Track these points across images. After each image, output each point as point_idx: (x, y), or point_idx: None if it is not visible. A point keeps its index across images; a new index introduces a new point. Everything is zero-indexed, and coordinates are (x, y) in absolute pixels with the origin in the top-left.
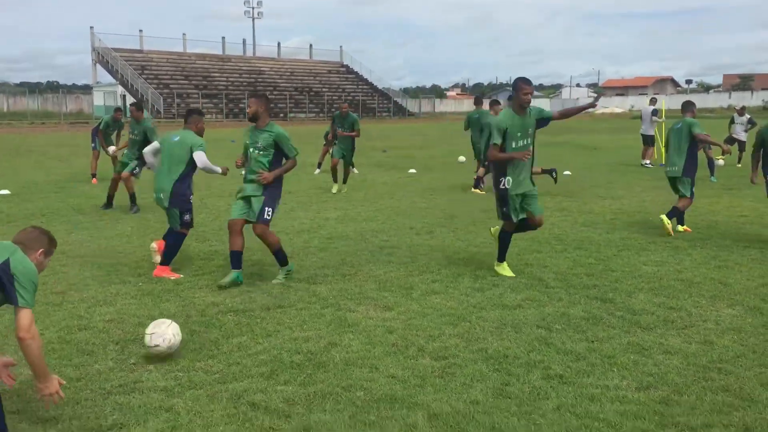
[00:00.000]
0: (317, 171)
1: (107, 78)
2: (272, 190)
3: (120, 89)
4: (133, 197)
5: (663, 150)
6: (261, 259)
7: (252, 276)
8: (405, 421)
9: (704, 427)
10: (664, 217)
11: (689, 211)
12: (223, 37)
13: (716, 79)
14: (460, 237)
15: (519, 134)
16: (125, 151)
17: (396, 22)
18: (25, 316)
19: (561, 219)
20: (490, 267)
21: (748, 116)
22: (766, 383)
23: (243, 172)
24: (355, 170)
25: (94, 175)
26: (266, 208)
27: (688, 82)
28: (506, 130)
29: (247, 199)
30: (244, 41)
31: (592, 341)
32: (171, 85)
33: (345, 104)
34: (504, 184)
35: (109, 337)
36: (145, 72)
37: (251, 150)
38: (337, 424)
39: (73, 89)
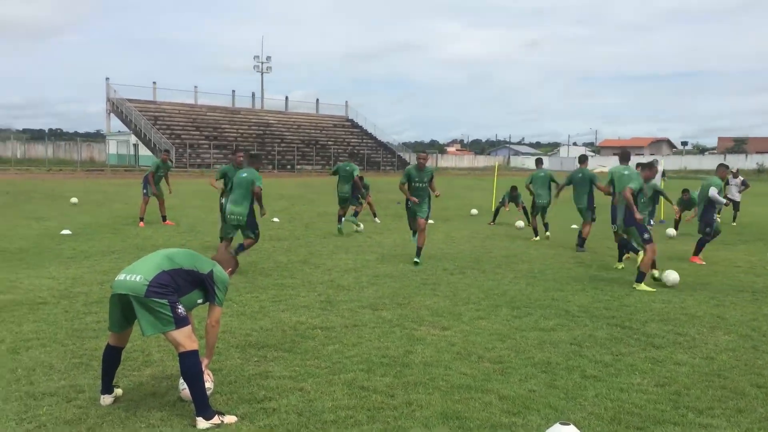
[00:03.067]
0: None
1: (118, 126)
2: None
3: (132, 138)
4: None
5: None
6: (327, 290)
7: (323, 303)
8: (482, 400)
9: (708, 409)
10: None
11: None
12: (233, 90)
13: (711, 142)
14: (489, 277)
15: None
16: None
17: (397, 79)
18: (218, 311)
19: (576, 265)
20: (522, 300)
21: (742, 178)
22: (754, 384)
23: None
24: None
25: (141, 219)
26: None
27: (684, 143)
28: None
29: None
30: (253, 94)
31: (617, 355)
32: (183, 136)
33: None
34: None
35: (228, 343)
36: (158, 122)
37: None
38: (432, 400)
39: (78, 137)
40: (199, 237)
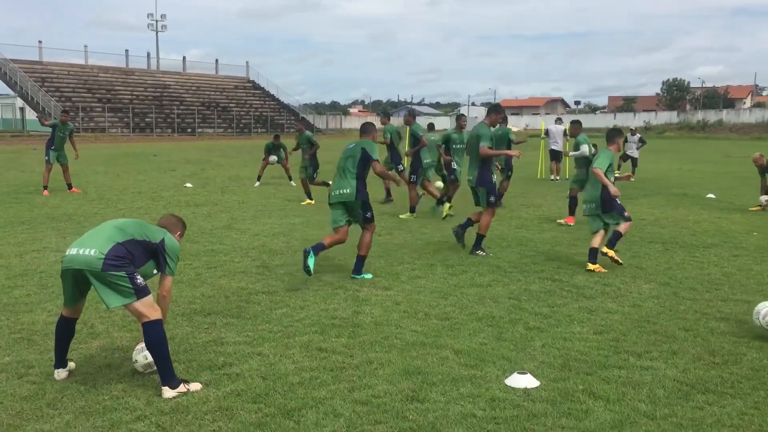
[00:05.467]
0: (257, 183)
1: (1, 89)
2: None
3: (19, 101)
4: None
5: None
6: (261, 254)
7: (259, 268)
8: (439, 355)
9: (645, 353)
10: None
11: None
12: (127, 50)
13: (602, 101)
14: (417, 237)
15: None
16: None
17: (296, 38)
18: (169, 280)
19: (497, 223)
20: (454, 259)
21: (639, 135)
22: (682, 328)
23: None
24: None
25: (45, 187)
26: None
27: (577, 102)
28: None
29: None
30: (148, 54)
31: (553, 306)
32: (73, 98)
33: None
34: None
35: (173, 312)
36: (46, 84)
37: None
38: (391, 357)
39: None
40: (111, 205)
